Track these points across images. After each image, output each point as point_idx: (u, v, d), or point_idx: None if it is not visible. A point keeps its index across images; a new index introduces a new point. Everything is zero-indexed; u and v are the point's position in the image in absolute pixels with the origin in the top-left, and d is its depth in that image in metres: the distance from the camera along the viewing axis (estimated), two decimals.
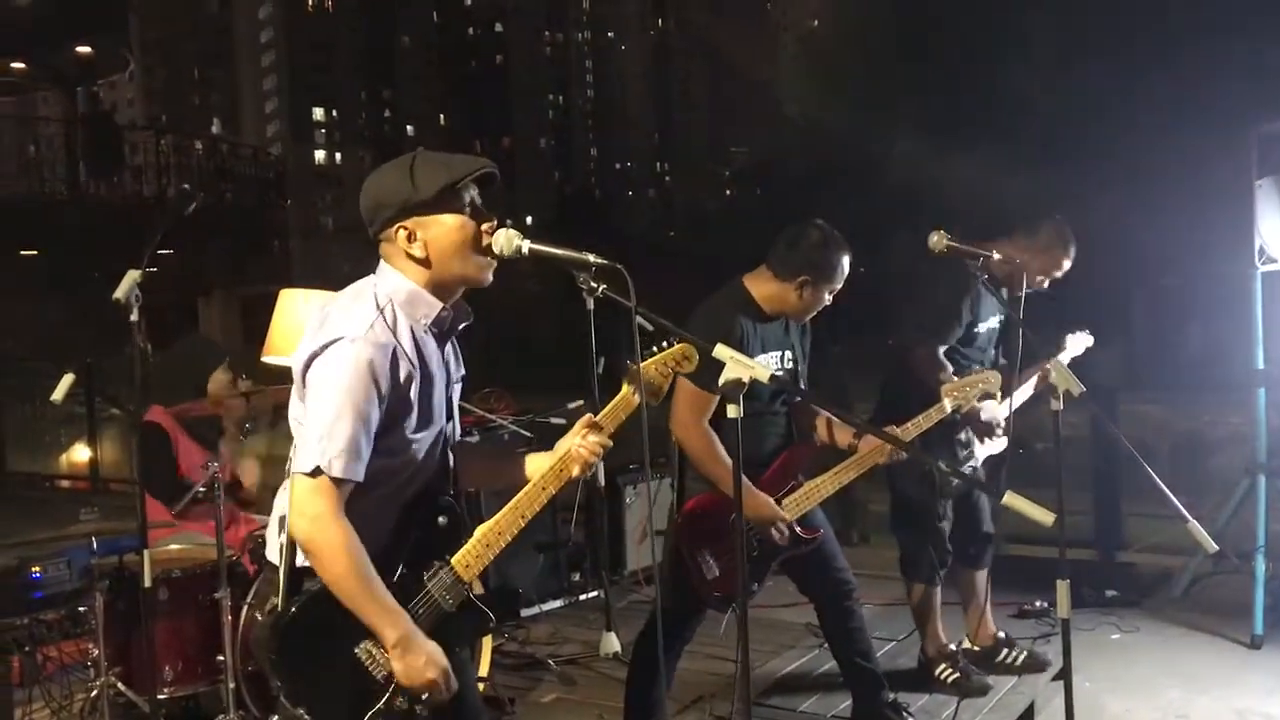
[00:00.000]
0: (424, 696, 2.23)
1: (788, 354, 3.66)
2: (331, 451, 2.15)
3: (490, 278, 2.31)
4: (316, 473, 2.16)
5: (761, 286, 3.58)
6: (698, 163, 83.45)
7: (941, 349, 4.10)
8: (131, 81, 58.63)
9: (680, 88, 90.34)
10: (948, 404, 3.67)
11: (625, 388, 2.43)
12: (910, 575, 4.36)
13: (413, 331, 2.28)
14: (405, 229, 2.26)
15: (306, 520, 2.16)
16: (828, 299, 3.59)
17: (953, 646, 4.42)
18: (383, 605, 2.19)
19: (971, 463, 4.17)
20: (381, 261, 2.33)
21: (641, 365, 2.37)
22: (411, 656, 2.20)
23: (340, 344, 2.19)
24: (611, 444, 2.44)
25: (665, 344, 2.40)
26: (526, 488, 2.40)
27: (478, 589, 2.39)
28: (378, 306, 2.25)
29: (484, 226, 2.27)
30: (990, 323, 4.23)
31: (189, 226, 3.46)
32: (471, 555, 2.34)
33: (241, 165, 18.56)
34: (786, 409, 3.72)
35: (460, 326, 2.40)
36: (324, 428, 2.16)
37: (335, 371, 2.18)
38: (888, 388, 4.31)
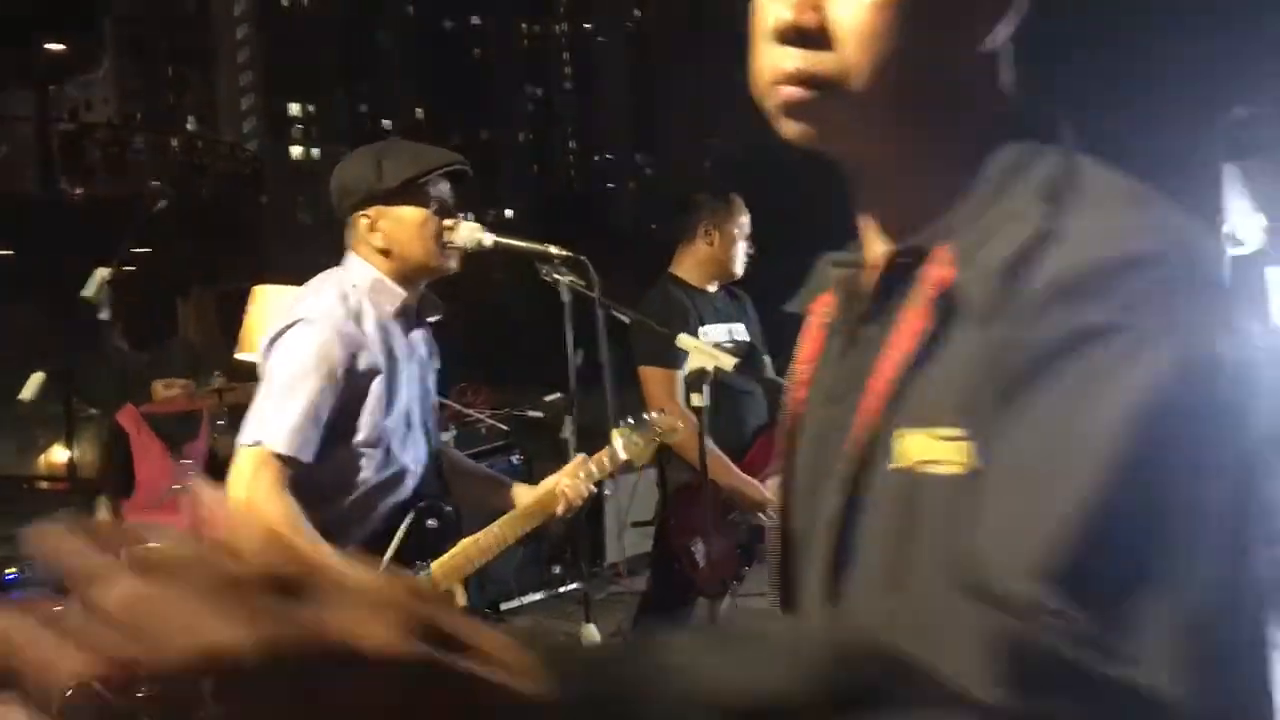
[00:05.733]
0: None
1: (736, 328, 3.65)
2: (277, 426, 2.12)
3: (455, 266, 2.30)
4: (256, 445, 2.12)
5: (681, 265, 3.61)
6: (678, 155, 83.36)
7: None
8: (105, 79, 58.13)
9: (659, 79, 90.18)
10: None
11: (611, 445, 2.46)
12: None
13: (378, 320, 2.26)
14: (367, 217, 2.26)
15: (244, 493, 2.11)
16: (743, 246, 3.57)
17: None
18: None
19: None
20: (348, 250, 2.32)
21: (623, 432, 2.44)
22: None
23: (299, 325, 2.19)
24: (595, 491, 2.48)
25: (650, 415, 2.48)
26: (510, 513, 2.42)
27: (460, 600, 2.37)
28: (342, 294, 2.24)
29: (446, 223, 2.26)
30: None
31: (165, 225, 3.45)
32: (449, 564, 2.33)
33: (218, 162, 18.50)
34: (762, 387, 3.71)
35: (428, 318, 2.38)
36: (273, 403, 2.14)
37: (291, 352, 2.17)
38: None
